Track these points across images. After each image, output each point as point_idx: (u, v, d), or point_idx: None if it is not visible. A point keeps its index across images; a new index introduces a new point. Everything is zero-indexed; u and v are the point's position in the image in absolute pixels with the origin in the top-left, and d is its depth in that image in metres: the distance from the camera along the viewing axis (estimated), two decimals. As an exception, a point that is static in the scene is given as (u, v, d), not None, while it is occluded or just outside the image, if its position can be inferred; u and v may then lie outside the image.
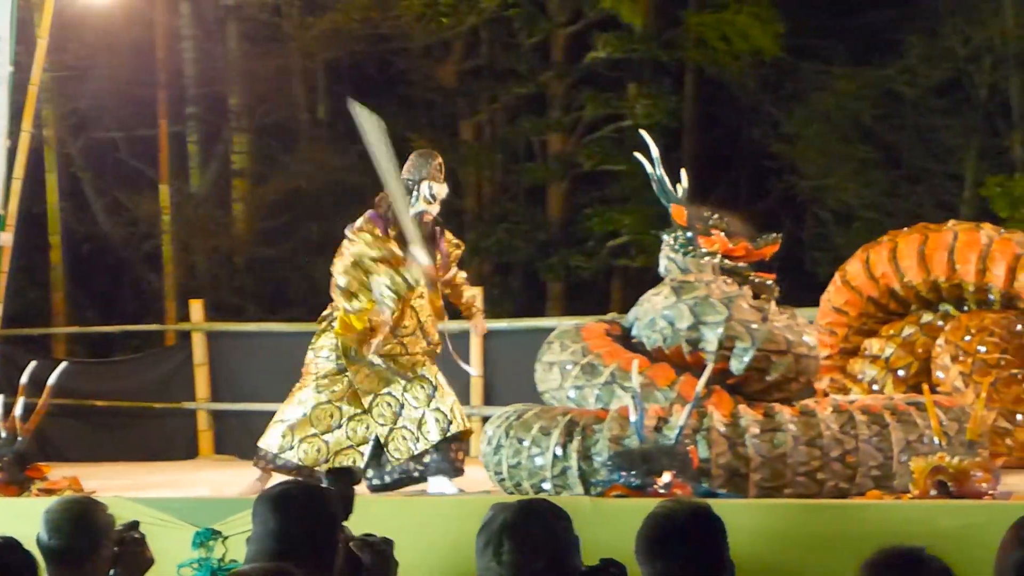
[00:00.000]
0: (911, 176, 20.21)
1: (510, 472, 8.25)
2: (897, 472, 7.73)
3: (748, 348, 8.16)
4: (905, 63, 20.40)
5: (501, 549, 4.22)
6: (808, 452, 7.68)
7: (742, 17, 20.71)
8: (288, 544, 4.49)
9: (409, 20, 19.81)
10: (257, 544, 4.56)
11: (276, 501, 4.60)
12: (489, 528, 4.27)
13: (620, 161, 20.86)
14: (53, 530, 5.10)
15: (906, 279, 9.78)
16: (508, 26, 21.32)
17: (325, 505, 4.70)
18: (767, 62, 21.24)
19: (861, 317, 10.05)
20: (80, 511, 5.21)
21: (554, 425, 8.12)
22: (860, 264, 10.00)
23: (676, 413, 7.75)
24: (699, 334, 8.24)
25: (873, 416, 7.89)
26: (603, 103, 21.15)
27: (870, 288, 9.93)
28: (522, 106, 21.83)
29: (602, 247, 20.83)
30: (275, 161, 20.41)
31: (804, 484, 7.69)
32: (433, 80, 21.83)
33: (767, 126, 21.59)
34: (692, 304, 8.29)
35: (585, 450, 7.93)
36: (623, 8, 20.73)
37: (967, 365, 9.42)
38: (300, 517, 4.56)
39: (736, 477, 7.64)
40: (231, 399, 13.98)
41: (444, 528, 7.29)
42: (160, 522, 7.77)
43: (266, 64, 20.02)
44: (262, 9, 19.80)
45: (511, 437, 8.29)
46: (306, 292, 18.95)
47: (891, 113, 20.77)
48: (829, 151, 20.79)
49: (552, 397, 8.71)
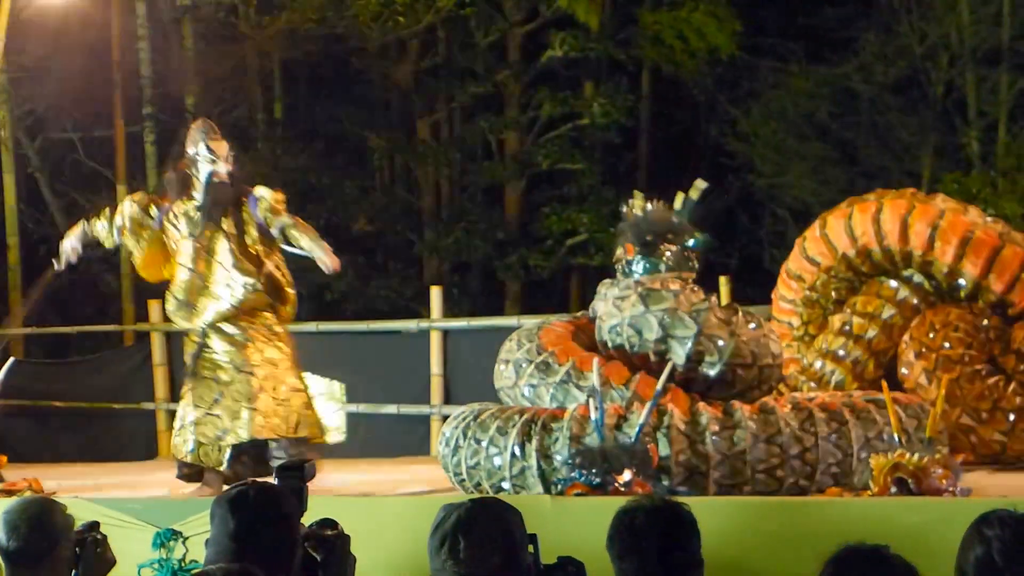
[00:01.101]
0: (868, 173, 20.28)
1: (469, 473, 8.25)
2: (856, 469, 7.74)
3: (715, 362, 8.18)
4: (861, 60, 20.49)
5: (456, 547, 4.24)
6: (767, 449, 7.70)
7: (698, 15, 20.78)
8: (247, 544, 4.50)
9: (365, 19, 19.79)
10: (216, 546, 4.57)
11: (233, 503, 4.61)
12: (443, 528, 4.30)
13: (577, 160, 20.91)
14: (11, 531, 5.08)
15: (885, 242, 9.62)
16: (464, 25, 21.32)
17: (281, 505, 4.71)
18: (723, 60, 21.30)
19: (830, 272, 9.95)
20: (38, 512, 5.19)
21: (511, 424, 8.11)
22: (843, 219, 9.85)
23: (634, 411, 7.76)
24: (667, 347, 8.24)
25: (832, 413, 7.90)
26: (560, 102, 21.17)
27: (848, 246, 9.79)
28: (479, 105, 21.85)
29: (560, 246, 20.86)
30: (232, 160, 20.35)
31: (763, 481, 7.70)
32: (390, 79, 21.83)
33: (723, 124, 21.68)
34: (660, 317, 8.29)
35: (544, 449, 7.92)
36: (579, 7, 20.76)
37: (931, 361, 9.42)
38: (257, 518, 4.57)
39: (696, 475, 7.66)
40: (189, 401, 13.93)
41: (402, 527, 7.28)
42: (120, 523, 7.75)
43: (222, 64, 19.98)
44: (218, 9, 19.76)
45: (469, 437, 8.28)
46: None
47: (847, 111, 20.87)
48: (786, 149, 20.88)
49: (507, 395, 8.70)
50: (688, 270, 8.58)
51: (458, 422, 8.46)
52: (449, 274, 21.05)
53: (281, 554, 4.60)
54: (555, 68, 21.57)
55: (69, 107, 18.74)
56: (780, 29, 21.20)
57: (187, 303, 9.54)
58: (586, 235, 20.41)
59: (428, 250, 21.29)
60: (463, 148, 21.98)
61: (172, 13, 19.63)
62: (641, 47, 21.46)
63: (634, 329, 8.36)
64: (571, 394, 8.27)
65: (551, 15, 21.25)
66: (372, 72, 21.72)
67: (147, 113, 19.31)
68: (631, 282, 8.57)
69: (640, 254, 8.64)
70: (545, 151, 21.19)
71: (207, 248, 9.50)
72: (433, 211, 21.81)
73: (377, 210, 21.24)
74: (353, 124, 21.56)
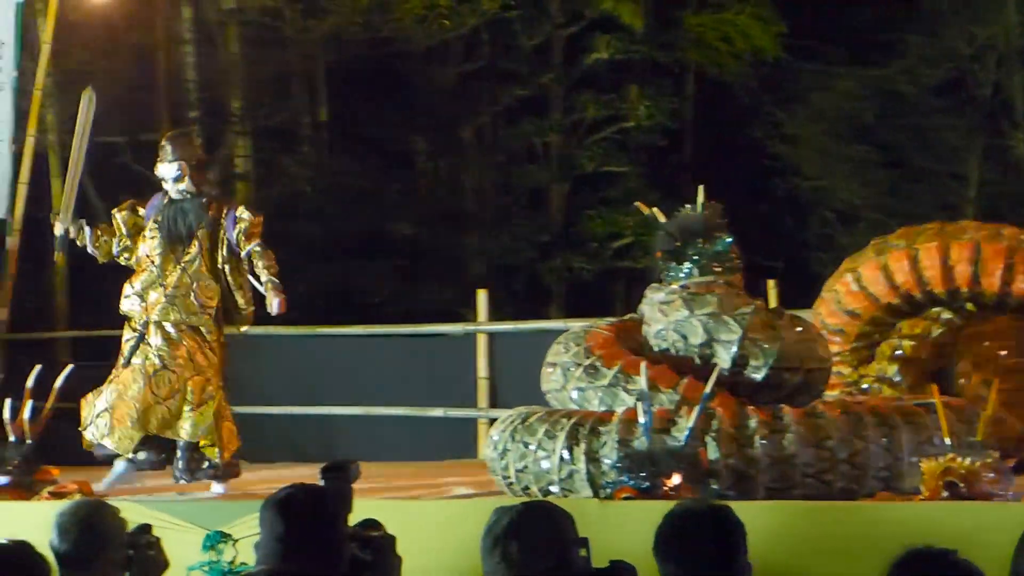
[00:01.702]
0: (913, 176, 20.20)
1: (517, 476, 8.25)
2: (906, 473, 7.71)
3: (761, 366, 8.16)
4: (906, 62, 20.39)
5: (509, 550, 4.25)
6: (816, 454, 7.67)
7: (743, 17, 20.75)
8: (294, 547, 4.52)
9: (409, 22, 19.81)
10: (264, 549, 4.59)
11: (280, 506, 4.62)
12: (495, 530, 4.31)
13: (621, 163, 20.88)
14: (62, 534, 5.10)
15: (928, 287, 9.65)
16: (508, 28, 21.32)
17: (328, 507, 4.72)
18: (767, 62, 21.25)
19: (873, 322, 9.97)
20: (88, 515, 5.21)
21: (559, 428, 8.10)
22: (877, 270, 9.85)
23: (682, 415, 7.74)
24: (712, 351, 8.23)
25: (881, 417, 7.87)
26: (604, 105, 21.15)
27: (890, 295, 9.78)
28: (523, 108, 21.83)
29: (604, 249, 20.83)
30: (277, 164, 20.41)
31: (812, 486, 7.68)
32: (434, 82, 21.83)
33: (768, 126, 21.59)
34: (705, 321, 8.28)
35: (592, 453, 7.91)
36: (623, 9, 20.75)
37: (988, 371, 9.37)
38: (304, 520, 4.59)
39: (744, 479, 7.64)
40: (236, 402, 13.95)
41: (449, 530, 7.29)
42: (169, 525, 7.78)
43: (267, 68, 20.02)
44: (263, 13, 19.79)
45: (517, 441, 8.28)
46: (309, 295, 18.95)
47: (892, 113, 20.76)
48: (830, 151, 20.80)
49: (555, 398, 8.70)
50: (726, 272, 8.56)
51: (506, 425, 8.46)
52: (493, 277, 21.04)
53: (329, 556, 4.62)
54: (599, 70, 21.54)
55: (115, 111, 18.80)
56: (824, 31, 21.11)
57: (140, 295, 9.86)
58: (631, 238, 20.38)
59: (472, 253, 21.29)
60: (507, 151, 21.98)
61: (217, 17, 19.69)
62: (685, 49, 21.44)
63: (679, 333, 8.36)
64: (619, 397, 8.27)
65: (595, 17, 21.23)
66: (416, 75, 21.73)
67: (192, 117, 19.37)
68: (676, 286, 8.56)
69: (668, 259, 8.65)
70: (589, 154, 21.17)
71: (176, 253, 9.80)
72: (477, 214, 21.81)
73: (421, 213, 21.25)
74: (397, 127, 21.59)
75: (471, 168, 21.74)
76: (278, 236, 19.63)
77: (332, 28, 19.63)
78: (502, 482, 8.46)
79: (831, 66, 20.91)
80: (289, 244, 19.74)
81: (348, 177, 20.05)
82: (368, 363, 13.44)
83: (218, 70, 19.79)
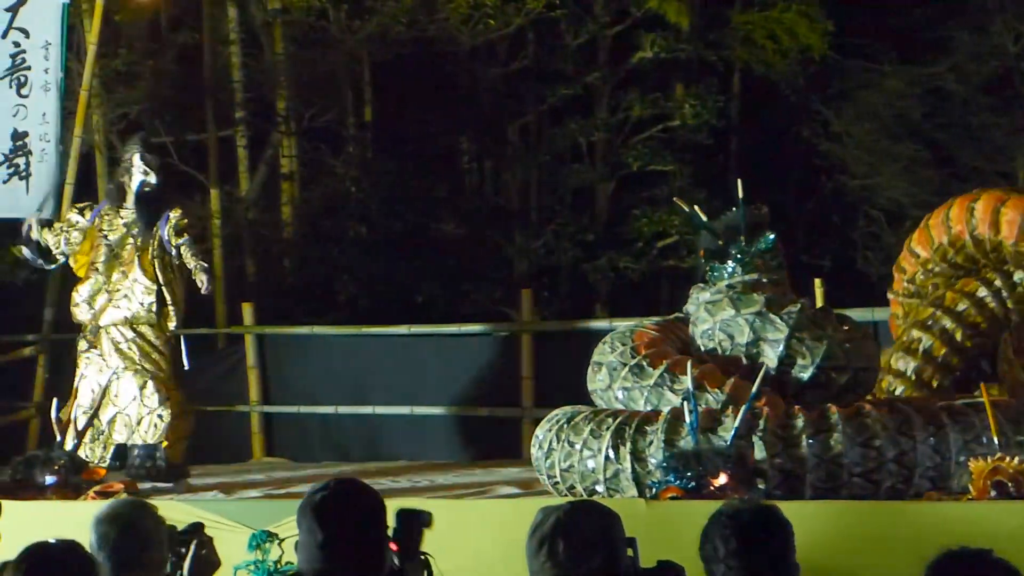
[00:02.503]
0: (961, 174, 20.06)
1: (562, 475, 8.24)
2: (955, 473, 7.67)
3: (808, 365, 8.13)
4: (953, 60, 20.28)
5: (556, 550, 4.24)
6: (864, 453, 7.64)
7: (790, 15, 20.65)
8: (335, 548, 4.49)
9: (455, 22, 19.80)
10: (305, 552, 4.55)
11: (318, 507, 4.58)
12: (541, 530, 4.29)
13: (667, 161, 20.82)
14: (103, 535, 5.11)
15: (976, 232, 9.48)
16: (554, 27, 21.27)
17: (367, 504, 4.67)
18: (815, 60, 21.16)
19: (926, 265, 9.82)
20: (130, 515, 5.21)
21: (605, 427, 8.09)
22: (944, 210, 9.73)
23: (729, 414, 7.71)
24: (758, 350, 8.20)
25: (929, 417, 7.83)
26: (650, 103, 21.07)
27: (942, 235, 9.66)
28: (568, 107, 21.77)
29: (650, 248, 20.77)
30: (322, 164, 20.43)
31: (860, 485, 7.64)
32: (479, 82, 21.82)
33: (815, 125, 21.49)
34: (751, 320, 8.25)
35: (638, 452, 7.90)
36: (669, 8, 20.68)
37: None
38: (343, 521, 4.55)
39: (791, 479, 7.61)
40: (282, 402, 14.01)
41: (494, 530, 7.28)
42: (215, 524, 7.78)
43: (313, 68, 20.03)
44: (308, 12, 19.81)
45: (562, 440, 8.27)
46: (354, 295, 18.98)
47: (940, 111, 20.65)
48: (878, 150, 20.69)
49: (600, 398, 8.69)
50: (770, 270, 8.53)
51: (551, 424, 8.46)
52: (538, 276, 21.01)
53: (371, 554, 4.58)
54: (645, 69, 21.47)
55: (161, 111, 18.88)
56: (872, 29, 21.01)
57: (88, 302, 10.51)
58: (677, 237, 20.31)
59: (517, 253, 21.27)
60: (552, 150, 21.93)
61: (263, 17, 19.73)
62: (732, 47, 21.35)
63: (725, 333, 8.34)
64: (665, 396, 8.25)
65: (641, 16, 21.17)
66: (461, 75, 21.72)
67: (238, 117, 19.41)
68: (722, 286, 8.53)
69: (711, 258, 8.63)
70: (635, 153, 21.10)
71: (118, 255, 10.09)
72: (522, 213, 21.79)
73: (466, 213, 21.24)
74: (442, 127, 21.59)
75: (516, 167, 21.72)
76: (324, 236, 19.81)
77: (377, 28, 19.62)
78: (547, 481, 8.45)
79: (878, 64, 20.81)
80: (334, 244, 19.82)
81: (393, 177, 20.04)
82: (413, 363, 13.45)
83: (264, 70, 19.82)
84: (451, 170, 22.16)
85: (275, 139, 20.01)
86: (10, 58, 13.57)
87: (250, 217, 19.36)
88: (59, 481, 9.19)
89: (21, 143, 13.65)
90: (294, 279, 19.49)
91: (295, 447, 13.82)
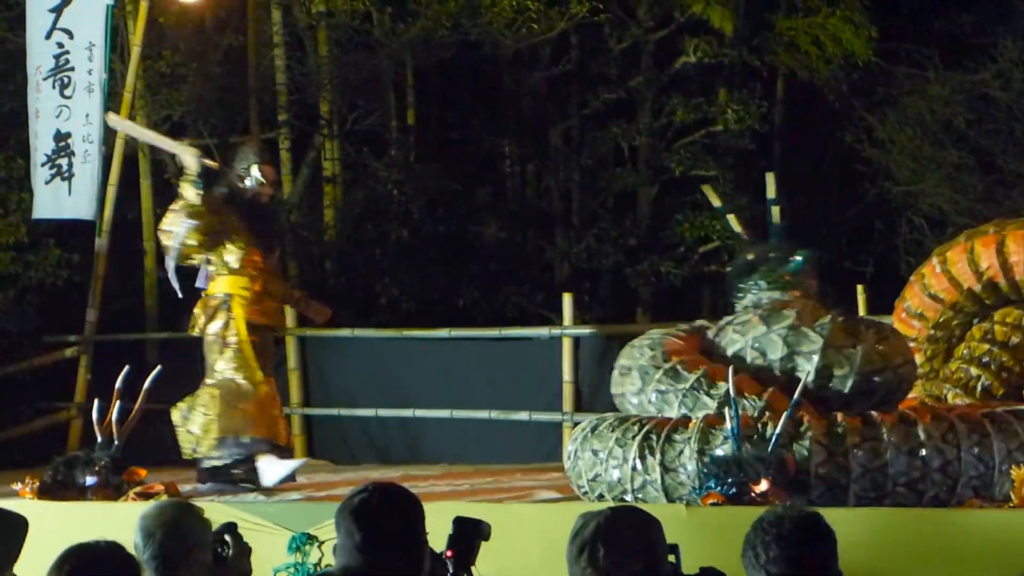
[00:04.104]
0: (1006, 181, 19.96)
1: (590, 485, 8.20)
2: (998, 481, 7.62)
3: (848, 374, 8.07)
4: (999, 67, 20.17)
5: (596, 555, 4.22)
6: (909, 462, 7.58)
7: (834, 21, 20.60)
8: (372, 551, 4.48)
9: (498, 26, 19.80)
10: (343, 555, 4.54)
11: (356, 511, 4.57)
12: (582, 535, 4.27)
13: (710, 166, 20.77)
14: (147, 536, 5.12)
15: (1011, 274, 9.45)
16: (597, 32, 21.26)
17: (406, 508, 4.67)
18: (858, 66, 21.09)
19: (955, 307, 9.78)
20: (173, 516, 5.23)
21: (631, 436, 8.03)
22: (964, 254, 9.68)
23: (767, 421, 7.68)
24: (794, 364, 8.14)
25: (973, 425, 7.77)
26: (693, 108, 21.04)
27: (971, 280, 9.62)
28: (611, 112, 21.76)
29: (692, 253, 20.74)
30: (365, 167, 20.47)
31: (904, 494, 7.59)
32: (522, 86, 21.83)
33: (859, 131, 21.41)
34: (784, 335, 8.20)
35: (668, 462, 7.84)
36: (713, 13, 20.65)
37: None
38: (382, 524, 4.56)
39: (835, 487, 7.56)
40: (323, 404, 14.02)
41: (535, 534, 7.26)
42: (255, 526, 7.80)
43: (356, 71, 20.06)
44: (352, 16, 19.84)
45: (587, 449, 8.23)
46: (396, 297, 18.99)
47: (985, 118, 20.53)
48: (922, 156, 20.59)
49: (627, 401, 8.60)
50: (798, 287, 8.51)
51: (579, 433, 8.43)
52: (580, 281, 20.99)
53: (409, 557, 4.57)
54: (688, 74, 21.46)
55: (205, 113, 18.93)
56: (916, 34, 20.93)
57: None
58: (719, 242, 20.28)
59: (559, 257, 21.27)
60: (595, 154, 21.92)
61: (307, 20, 19.77)
62: (775, 53, 21.31)
63: (758, 351, 8.27)
64: (700, 401, 8.18)
65: (684, 21, 21.14)
66: (504, 79, 21.74)
67: (282, 120, 19.45)
68: (749, 307, 8.51)
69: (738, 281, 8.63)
70: (678, 157, 21.07)
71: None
72: (564, 218, 21.79)
73: (508, 217, 21.25)
74: (485, 131, 21.61)
75: (558, 171, 21.72)
76: (365, 239, 19.83)
77: (421, 32, 19.64)
78: (577, 490, 8.43)
79: (922, 70, 20.71)
80: (376, 247, 19.85)
81: (435, 180, 20.06)
82: (453, 366, 13.44)
83: (307, 73, 19.87)
84: (493, 174, 22.18)
85: (318, 142, 20.05)
86: (54, 59, 13.65)
87: (293, 220, 19.38)
88: (100, 482, 9.21)
89: (64, 144, 13.72)
90: (336, 282, 19.52)
91: (335, 449, 13.82)
